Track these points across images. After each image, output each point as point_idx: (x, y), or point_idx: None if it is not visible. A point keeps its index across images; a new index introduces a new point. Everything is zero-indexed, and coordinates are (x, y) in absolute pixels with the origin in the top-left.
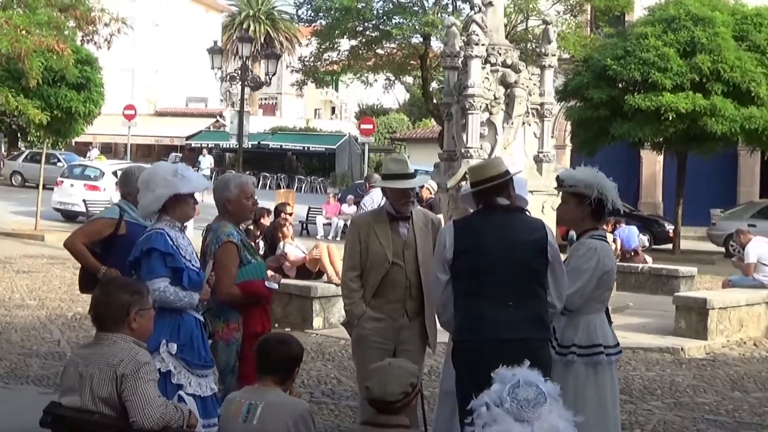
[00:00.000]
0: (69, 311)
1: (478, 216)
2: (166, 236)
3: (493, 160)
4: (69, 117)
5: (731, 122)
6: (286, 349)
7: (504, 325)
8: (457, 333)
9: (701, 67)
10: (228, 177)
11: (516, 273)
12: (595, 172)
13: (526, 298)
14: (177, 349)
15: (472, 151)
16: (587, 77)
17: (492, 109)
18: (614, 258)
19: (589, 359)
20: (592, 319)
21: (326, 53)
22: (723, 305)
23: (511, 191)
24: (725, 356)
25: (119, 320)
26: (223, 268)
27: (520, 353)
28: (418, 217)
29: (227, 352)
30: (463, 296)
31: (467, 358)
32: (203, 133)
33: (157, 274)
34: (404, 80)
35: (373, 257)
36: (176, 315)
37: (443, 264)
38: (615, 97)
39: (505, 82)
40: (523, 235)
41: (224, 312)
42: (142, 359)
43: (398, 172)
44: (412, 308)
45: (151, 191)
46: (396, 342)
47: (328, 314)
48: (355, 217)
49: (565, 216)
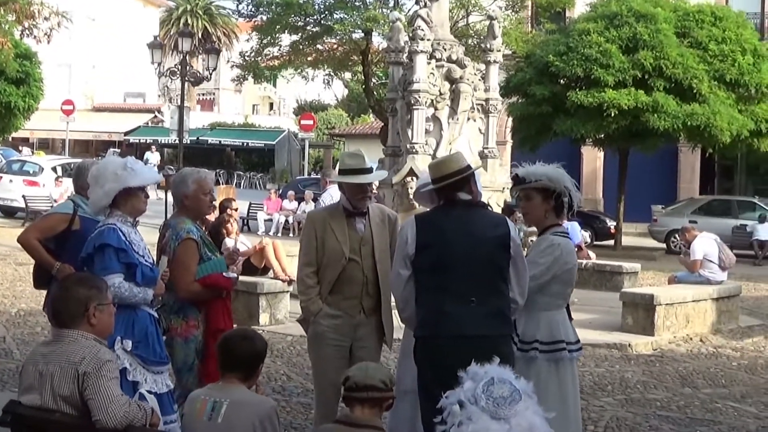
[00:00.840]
0: (12, 307)
1: (440, 211)
2: (118, 231)
3: (454, 156)
4: (8, 112)
5: (673, 118)
6: (250, 345)
7: (467, 321)
8: (420, 329)
9: (643, 64)
10: (185, 172)
11: (479, 268)
12: (555, 167)
13: (488, 293)
14: (132, 345)
15: (418, 146)
16: (529, 73)
17: (437, 104)
18: (576, 256)
19: (551, 355)
20: (554, 315)
21: (267, 48)
22: (670, 301)
23: (473, 186)
24: (673, 352)
25: (77, 316)
26: (183, 265)
27: (483, 350)
28: (375, 213)
29: (185, 349)
30: (426, 292)
31: (430, 354)
32: (141, 128)
33: (110, 270)
34: (343, 76)
35: (330, 253)
36: (130, 311)
37: (405, 259)
38: (557, 93)
39: (450, 77)
40: (486, 231)
41: (183, 309)
42: (104, 357)
43: (355, 167)
44: (368, 305)
45: (101, 186)
46: (353, 339)
47: (275, 310)
48: (311, 213)
49: (531, 212)
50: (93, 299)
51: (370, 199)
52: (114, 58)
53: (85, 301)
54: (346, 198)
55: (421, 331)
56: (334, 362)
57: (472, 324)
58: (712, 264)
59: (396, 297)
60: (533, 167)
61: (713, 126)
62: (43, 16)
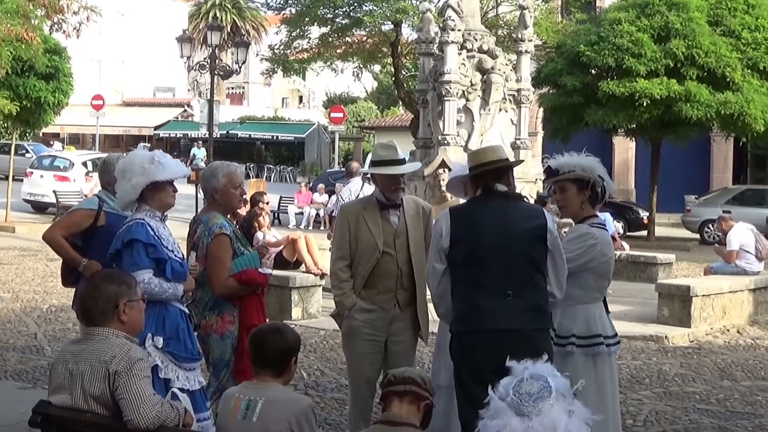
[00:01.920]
0: (44, 303)
1: (475, 203)
2: (147, 226)
3: (494, 146)
4: (38, 107)
5: (706, 108)
6: (279, 339)
7: (502, 315)
8: (455, 323)
9: (675, 53)
10: (216, 166)
11: (515, 261)
12: (586, 156)
13: (525, 287)
14: (163, 342)
15: (449, 138)
16: (560, 64)
17: (468, 95)
18: (612, 248)
19: (588, 350)
20: (591, 309)
21: (296, 41)
22: (706, 292)
23: (510, 179)
24: (710, 344)
25: (108, 313)
26: (218, 260)
27: (519, 344)
28: (409, 205)
29: (221, 345)
30: (461, 286)
31: (466, 349)
32: (171, 123)
33: (140, 265)
34: (372, 68)
35: (363, 247)
36: (161, 307)
37: (440, 253)
38: (588, 83)
39: (481, 68)
40: (522, 223)
41: (218, 304)
42: (136, 355)
43: (388, 158)
44: (403, 298)
45: (128, 180)
46: (387, 333)
47: (307, 304)
48: (345, 206)
49: (567, 204)
50: (122, 296)
51: (404, 191)
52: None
53: (115, 297)
54: (379, 190)
55: (457, 326)
56: (368, 357)
57: (507, 318)
58: (749, 254)
59: (431, 291)
60: (565, 158)
61: (747, 115)
62: (72, 11)
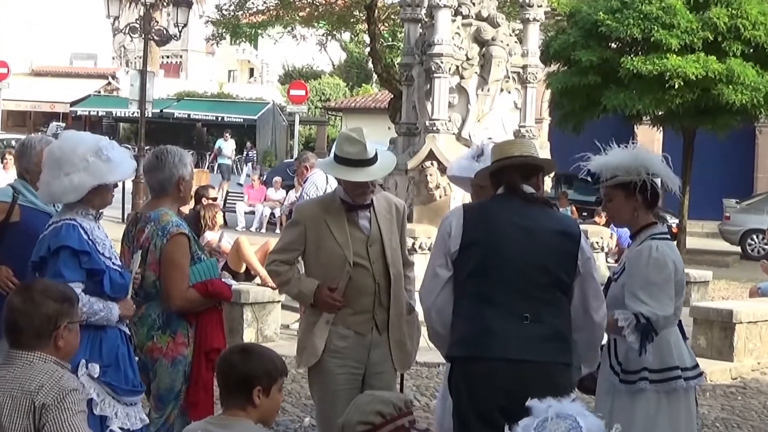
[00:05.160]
0: None
1: (496, 202)
2: (79, 229)
3: (525, 141)
4: None
5: (752, 91)
6: (241, 361)
7: (517, 342)
8: (457, 347)
9: (716, 24)
10: (179, 151)
11: (536, 278)
12: (631, 149)
13: (546, 309)
14: (99, 371)
15: (439, 124)
16: (574, 35)
17: (464, 72)
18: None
19: (662, 385)
20: (665, 335)
21: (250, 1)
22: (753, 319)
23: (541, 182)
24: (757, 382)
25: (43, 335)
26: (177, 266)
27: (536, 379)
28: (380, 204)
29: (172, 373)
30: (468, 301)
31: (470, 380)
32: (92, 98)
33: (66, 278)
34: (341, 36)
35: (328, 260)
36: (97, 328)
37: (446, 257)
38: (608, 59)
39: (479, 38)
40: (551, 233)
41: (170, 322)
42: (69, 385)
43: (353, 157)
44: (382, 319)
45: (66, 175)
46: (366, 364)
47: (262, 324)
48: (301, 206)
49: (616, 215)
50: (64, 315)
51: (373, 192)
52: (59, 13)
53: (56, 317)
54: (343, 190)
55: (459, 349)
56: (344, 395)
57: (522, 346)
58: None
59: (426, 303)
60: (606, 157)
61: None
62: None
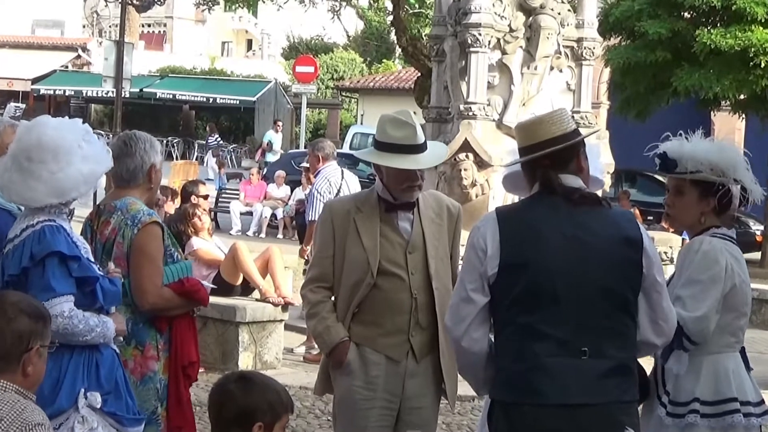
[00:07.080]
0: None
1: (535, 206)
2: (64, 232)
3: (554, 114)
4: None
5: None
6: (240, 391)
7: (575, 382)
8: (503, 389)
9: None
10: (145, 136)
11: (596, 302)
12: (722, 144)
13: (608, 341)
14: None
15: (476, 108)
16: (639, 3)
17: (506, 46)
18: (746, 268)
19: (717, 421)
20: (722, 361)
21: None
22: None
23: (582, 161)
24: None
25: (12, 358)
26: (149, 259)
27: (591, 420)
28: (428, 204)
29: (142, 393)
30: (513, 333)
31: (515, 424)
32: (58, 73)
33: (57, 291)
34: (357, 2)
35: (351, 267)
36: (91, 350)
37: (482, 279)
38: (680, 31)
39: (525, 6)
40: (607, 243)
41: (138, 332)
42: (32, 419)
43: (402, 142)
44: (420, 343)
45: (69, 165)
46: (400, 397)
47: (261, 348)
48: (332, 203)
49: (679, 212)
50: (37, 337)
51: (420, 189)
52: None
53: (28, 337)
54: (383, 186)
55: (506, 393)
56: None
57: (582, 387)
58: None
59: (455, 333)
60: (691, 144)
61: None
62: None
